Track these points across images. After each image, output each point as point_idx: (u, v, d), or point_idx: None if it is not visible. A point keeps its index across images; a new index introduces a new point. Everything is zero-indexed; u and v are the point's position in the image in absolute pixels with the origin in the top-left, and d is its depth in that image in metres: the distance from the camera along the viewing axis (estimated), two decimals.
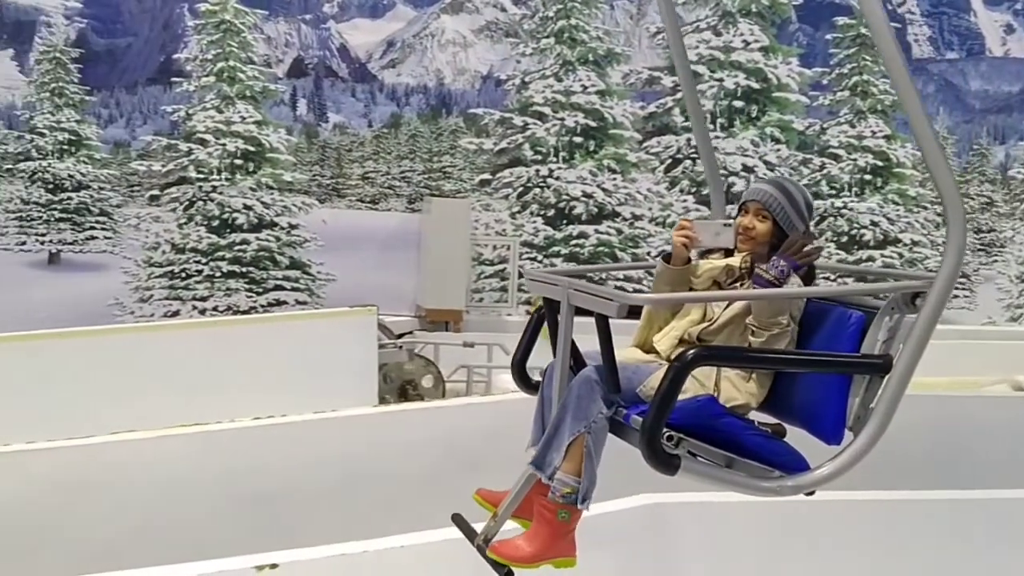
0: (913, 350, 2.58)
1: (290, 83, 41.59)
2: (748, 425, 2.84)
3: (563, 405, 2.90)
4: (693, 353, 2.59)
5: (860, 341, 2.74)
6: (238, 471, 6.73)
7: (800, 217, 3.09)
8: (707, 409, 2.79)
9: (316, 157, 62.56)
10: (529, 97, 21.31)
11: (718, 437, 2.77)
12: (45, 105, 30.91)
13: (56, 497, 6.18)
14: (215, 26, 22.79)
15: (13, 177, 30.05)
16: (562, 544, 3.02)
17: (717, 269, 3.16)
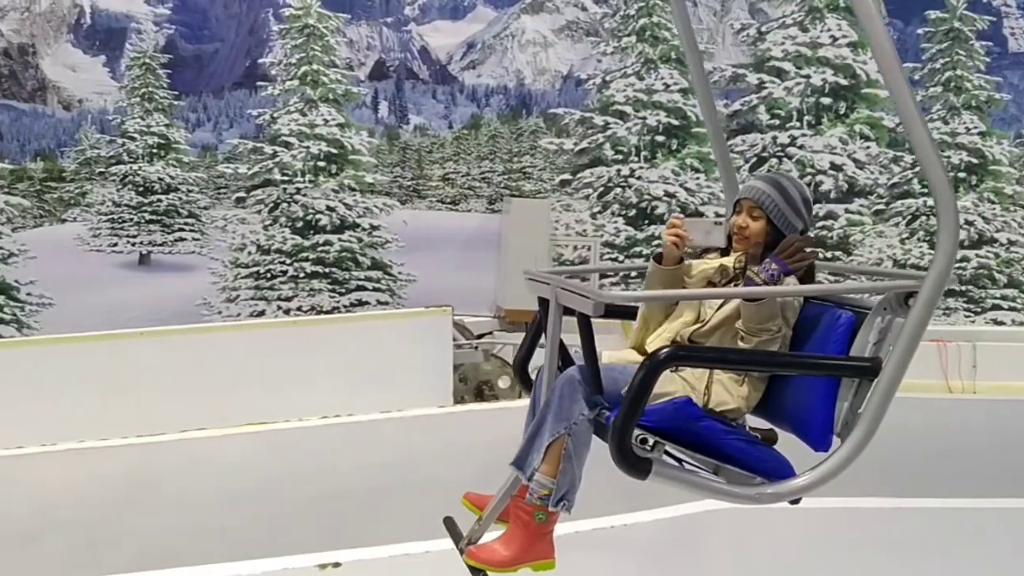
0: (902, 353, 2.43)
1: (372, 86, 42.00)
2: (731, 429, 2.70)
3: (545, 405, 2.81)
4: (665, 352, 2.47)
5: (849, 343, 2.58)
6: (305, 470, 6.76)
7: (797, 215, 2.93)
8: (683, 411, 2.65)
9: (397, 159, 63.15)
10: (610, 96, 21.11)
11: (697, 441, 2.64)
12: (136, 110, 31.71)
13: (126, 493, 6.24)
14: (299, 30, 23.07)
15: (105, 180, 30.87)
16: (540, 546, 2.94)
17: (711, 269, 3.02)
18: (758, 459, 2.67)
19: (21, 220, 22.97)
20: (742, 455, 2.66)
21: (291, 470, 6.66)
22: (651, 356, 2.48)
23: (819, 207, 20.02)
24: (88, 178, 33.93)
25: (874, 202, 21.22)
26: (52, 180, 36.41)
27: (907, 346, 2.44)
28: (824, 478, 2.50)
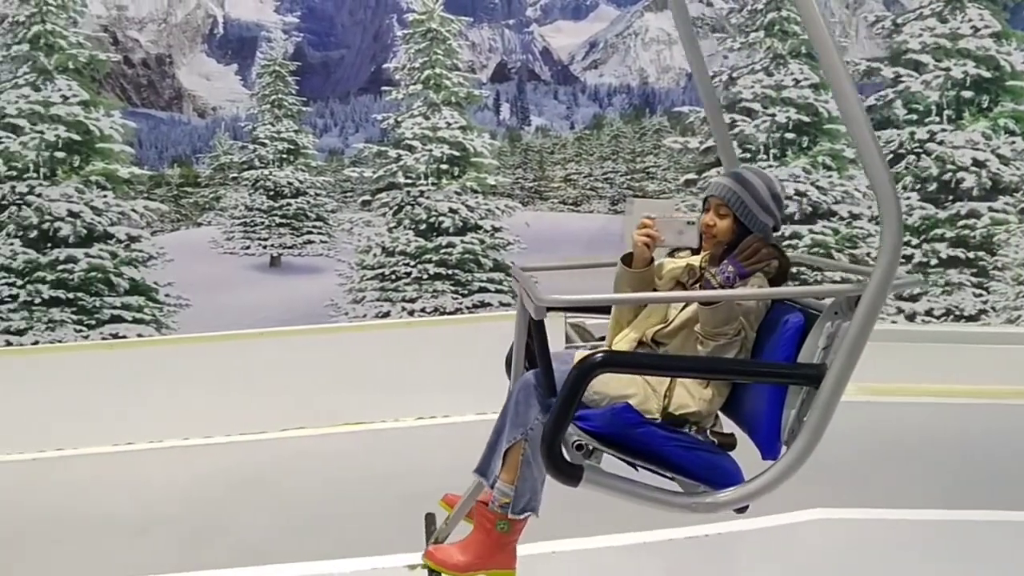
0: (844, 360, 2.31)
1: (493, 88, 42.10)
2: (674, 436, 2.59)
3: (503, 410, 2.74)
4: (595, 359, 2.40)
5: (797, 348, 2.46)
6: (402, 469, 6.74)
7: (766, 212, 2.81)
8: (620, 417, 2.56)
9: (519, 160, 63.25)
10: (737, 93, 20.57)
11: (636, 447, 2.56)
12: (266, 116, 32.65)
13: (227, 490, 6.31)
14: (422, 35, 23.28)
15: (238, 185, 31.86)
16: (499, 556, 2.87)
17: (679, 269, 2.94)
18: (701, 466, 2.55)
19: (159, 224, 23.86)
20: (684, 462, 2.55)
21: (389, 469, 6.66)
22: (581, 362, 2.41)
23: (960, 205, 19.08)
24: (222, 183, 35.09)
25: (1020, 200, 20.05)
26: (188, 185, 37.84)
27: (849, 353, 2.31)
28: (763, 488, 2.42)
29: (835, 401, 2.35)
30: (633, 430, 2.57)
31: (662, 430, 2.61)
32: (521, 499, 2.83)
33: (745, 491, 2.48)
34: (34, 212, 17.96)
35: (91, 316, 17.97)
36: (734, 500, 2.51)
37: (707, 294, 2.68)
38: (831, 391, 2.34)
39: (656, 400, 2.68)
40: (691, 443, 2.62)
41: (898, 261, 2.29)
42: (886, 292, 2.30)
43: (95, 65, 19.44)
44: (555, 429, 2.42)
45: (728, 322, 2.62)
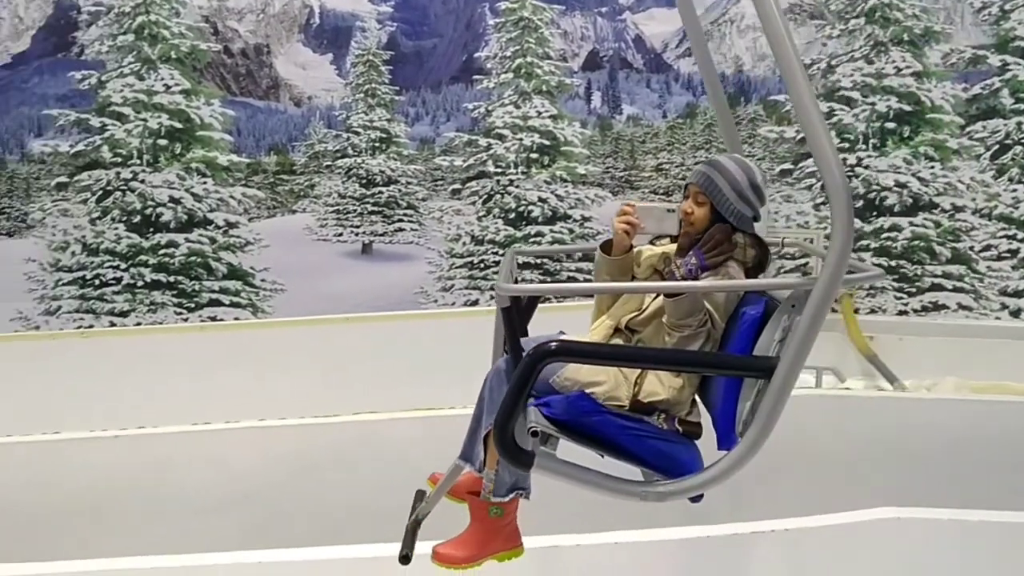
0: (794, 353, 2.31)
1: (585, 76, 42.05)
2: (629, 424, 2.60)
3: (480, 397, 2.78)
4: (545, 348, 2.45)
5: (753, 340, 2.48)
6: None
7: (744, 201, 2.77)
8: (575, 405, 2.61)
9: (609, 149, 62.86)
10: (836, 81, 20.07)
11: (592, 435, 2.60)
12: (359, 105, 33.06)
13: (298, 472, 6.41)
14: (514, 23, 23.31)
15: (332, 173, 32.37)
16: (499, 540, 2.94)
17: (655, 257, 2.91)
18: (654, 455, 2.57)
19: (256, 211, 24.40)
20: (636, 451, 2.57)
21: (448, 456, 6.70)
22: (533, 351, 2.45)
23: None
24: (316, 171, 35.68)
25: None
26: (284, 173, 38.58)
27: (799, 347, 2.31)
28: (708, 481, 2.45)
29: (785, 394, 2.35)
30: (588, 418, 2.61)
31: (618, 419, 2.62)
32: (503, 483, 2.87)
33: (693, 482, 2.51)
34: (137, 198, 18.55)
35: (191, 299, 18.51)
36: (681, 490, 2.53)
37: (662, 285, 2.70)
38: (781, 384, 2.33)
39: (626, 388, 2.67)
40: (646, 432, 2.63)
41: (848, 256, 2.24)
42: (835, 287, 2.26)
43: (196, 55, 19.97)
44: (505, 415, 2.48)
45: (692, 314, 2.60)
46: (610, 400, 2.66)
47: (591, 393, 2.65)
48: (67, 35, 27.52)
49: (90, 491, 6.41)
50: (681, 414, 2.71)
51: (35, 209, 20.29)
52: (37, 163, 28.95)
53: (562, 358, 2.56)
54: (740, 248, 2.80)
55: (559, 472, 2.60)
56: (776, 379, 2.35)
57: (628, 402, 2.67)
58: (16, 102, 28.28)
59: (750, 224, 2.86)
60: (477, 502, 2.98)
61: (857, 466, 6.54)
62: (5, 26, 28.86)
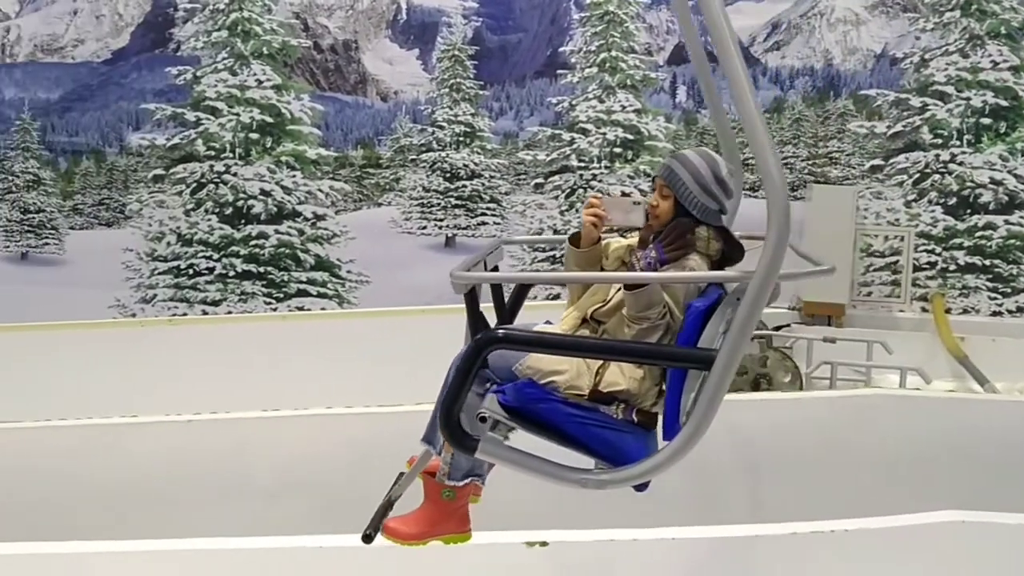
0: (731, 346, 2.33)
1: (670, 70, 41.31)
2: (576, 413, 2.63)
3: (445, 382, 2.77)
4: (490, 335, 2.54)
5: (699, 332, 2.49)
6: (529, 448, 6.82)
7: (708, 194, 2.78)
8: (522, 392, 2.65)
9: (694, 144, 62.32)
10: (929, 76, 19.54)
11: (540, 421, 2.64)
12: (444, 100, 33.37)
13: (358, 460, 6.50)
14: (599, 18, 23.25)
15: (416, 167, 32.75)
16: (450, 522, 3.01)
17: (622, 249, 2.93)
18: (599, 444, 2.62)
19: (343, 203, 24.90)
20: (582, 439, 2.62)
21: None
22: (478, 337, 2.53)
23: None
24: (401, 165, 36.18)
25: None
26: (370, 167, 39.19)
27: (736, 339, 2.32)
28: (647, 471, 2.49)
29: (723, 386, 2.35)
30: (535, 404, 2.64)
31: (566, 406, 2.65)
32: (460, 468, 2.95)
33: (631, 471, 2.54)
34: (230, 190, 19.06)
35: (279, 289, 18.96)
36: (620, 479, 2.56)
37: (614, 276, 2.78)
38: (719, 376, 2.35)
39: (588, 377, 2.69)
40: (592, 420, 2.65)
41: (784, 252, 2.23)
42: (771, 281, 2.26)
43: (287, 51, 20.40)
44: (450, 400, 2.57)
45: (650, 306, 2.62)
46: (571, 389, 2.68)
47: (551, 382, 2.67)
48: (164, 32, 28.44)
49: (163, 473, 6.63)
50: (645, 405, 2.72)
51: (133, 200, 21.03)
52: (135, 156, 30.02)
53: (506, 345, 2.62)
54: (703, 241, 2.80)
55: (504, 458, 2.66)
56: (715, 371, 2.36)
57: (588, 391, 2.70)
58: (115, 96, 29.37)
59: (716, 217, 2.86)
60: (432, 483, 3.05)
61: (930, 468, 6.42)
62: (106, 23, 29.91)
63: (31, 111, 28.51)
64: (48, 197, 34.97)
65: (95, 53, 27.98)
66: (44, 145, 29.26)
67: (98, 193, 42.82)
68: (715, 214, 2.85)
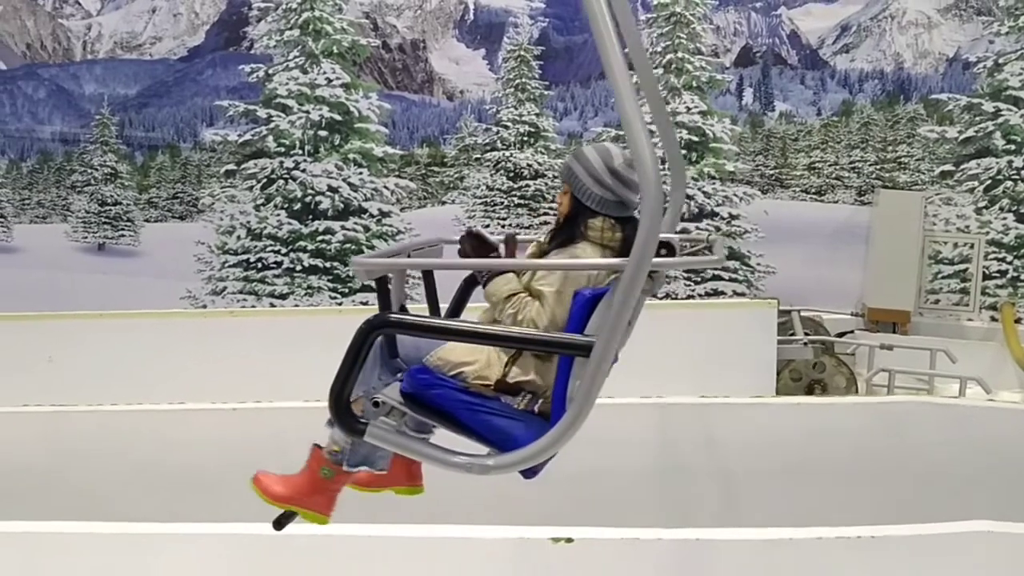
0: (607, 333, 2.35)
1: (737, 72, 41.19)
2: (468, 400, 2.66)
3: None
4: (377, 319, 2.57)
5: (584, 320, 2.50)
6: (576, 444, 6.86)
7: (600, 184, 2.81)
8: (415, 378, 2.70)
9: (760, 147, 61.48)
10: (1003, 80, 19.20)
11: (434, 407, 2.68)
12: (509, 100, 33.51)
13: None
14: (666, 18, 23.24)
15: (480, 166, 32.91)
16: (317, 499, 2.99)
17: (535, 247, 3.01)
18: (488, 430, 2.64)
19: (408, 201, 25.15)
20: (472, 425, 2.66)
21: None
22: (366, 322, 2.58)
23: None
24: (465, 164, 36.36)
25: None
26: (435, 165, 39.48)
27: (610, 327, 2.34)
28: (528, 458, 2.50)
29: (600, 373, 2.38)
30: (427, 391, 2.70)
31: (458, 392, 2.69)
32: (357, 455, 2.97)
33: (512, 458, 2.55)
34: (298, 186, 19.44)
35: (345, 284, 19.29)
36: (502, 464, 2.57)
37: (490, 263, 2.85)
38: (596, 363, 2.37)
39: (498, 368, 2.73)
40: (484, 407, 2.68)
41: (656, 239, 2.26)
42: (643, 269, 2.27)
43: (356, 50, 20.75)
44: (340, 383, 2.62)
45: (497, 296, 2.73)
46: (479, 379, 2.72)
47: (460, 373, 2.72)
48: (238, 30, 29.02)
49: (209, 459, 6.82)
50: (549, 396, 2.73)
51: (205, 195, 21.56)
52: (208, 151, 30.63)
53: (393, 329, 2.71)
54: (596, 231, 2.84)
55: (392, 443, 2.70)
56: (592, 357, 2.39)
57: (494, 382, 2.73)
58: (191, 93, 30.01)
59: (616, 208, 2.88)
60: (318, 455, 3.07)
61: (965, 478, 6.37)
62: (183, 21, 30.61)
63: (110, 106, 29.23)
64: (125, 190, 35.85)
65: (172, 50, 28.66)
66: (122, 139, 29.99)
67: (172, 187, 43.72)
68: (614, 205, 2.88)
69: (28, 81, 30.24)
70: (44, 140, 31.29)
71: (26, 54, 32.35)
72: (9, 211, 35.86)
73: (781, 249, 24.24)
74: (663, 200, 2.18)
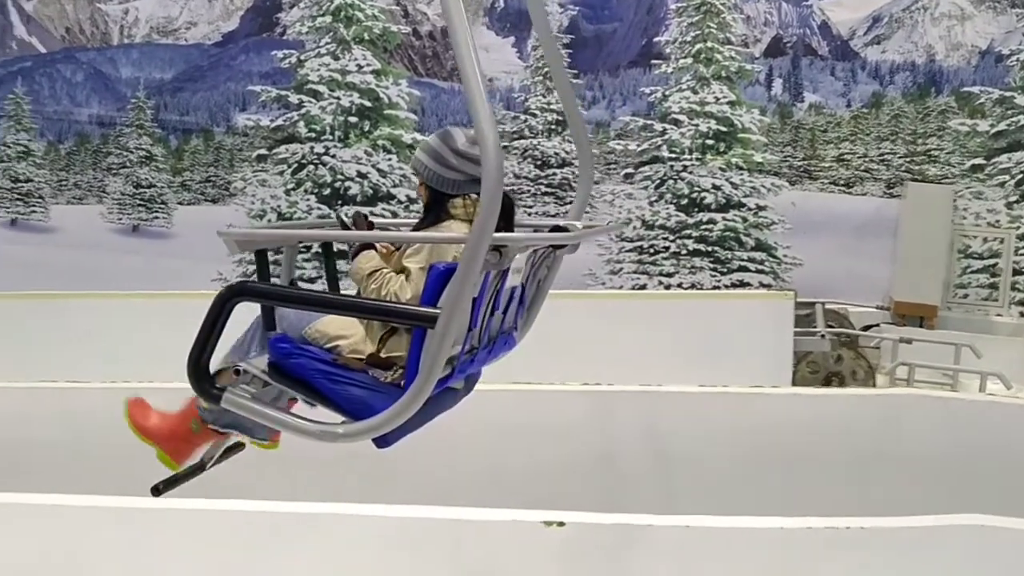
0: (449, 305, 2.40)
1: (766, 62, 40.79)
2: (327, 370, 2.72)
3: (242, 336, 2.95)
4: (229, 288, 2.60)
5: (437, 293, 2.52)
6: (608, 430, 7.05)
7: (446, 167, 2.89)
8: (274, 347, 2.75)
9: (788, 138, 61.22)
10: None
11: (294, 377, 2.74)
12: (538, 88, 33.58)
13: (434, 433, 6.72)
14: (695, 8, 23.19)
15: (508, 154, 33.10)
16: (177, 444, 3.07)
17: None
18: (349, 400, 2.69)
19: None
20: (330, 395, 2.70)
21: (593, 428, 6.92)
22: (225, 288, 2.62)
23: None
24: None
25: None
26: None
27: (452, 300, 2.40)
28: (375, 427, 2.56)
29: (440, 344, 2.42)
30: (287, 360, 2.76)
31: (318, 363, 2.75)
32: (226, 416, 3.01)
33: (360, 426, 2.62)
34: (328, 171, 19.62)
35: None
36: (352, 432, 2.63)
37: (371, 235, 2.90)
38: (439, 334, 2.42)
39: (371, 344, 2.80)
40: (348, 379, 2.74)
41: (495, 213, 2.27)
42: (483, 242, 2.31)
43: (387, 37, 20.86)
44: (196, 351, 2.68)
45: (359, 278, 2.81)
46: (353, 353, 2.78)
47: (336, 346, 2.79)
48: (271, 16, 29.25)
49: None
50: None
51: (237, 179, 21.73)
52: (240, 135, 30.98)
53: (249, 297, 2.72)
54: (460, 209, 2.91)
55: (247, 410, 2.75)
56: (436, 329, 2.43)
57: (367, 356, 2.80)
58: (224, 78, 30.40)
59: (471, 185, 2.92)
60: (192, 408, 3.11)
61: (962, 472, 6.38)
62: (217, 7, 30.89)
63: (146, 90, 29.65)
64: (159, 173, 36.33)
65: (206, 36, 29.01)
66: (157, 123, 30.36)
67: (205, 170, 44.14)
68: (468, 183, 2.92)
69: (67, 64, 30.76)
70: (81, 123, 31.73)
71: (64, 38, 32.75)
72: (47, 192, 36.43)
73: (808, 241, 24.21)
74: (502, 173, 2.23)
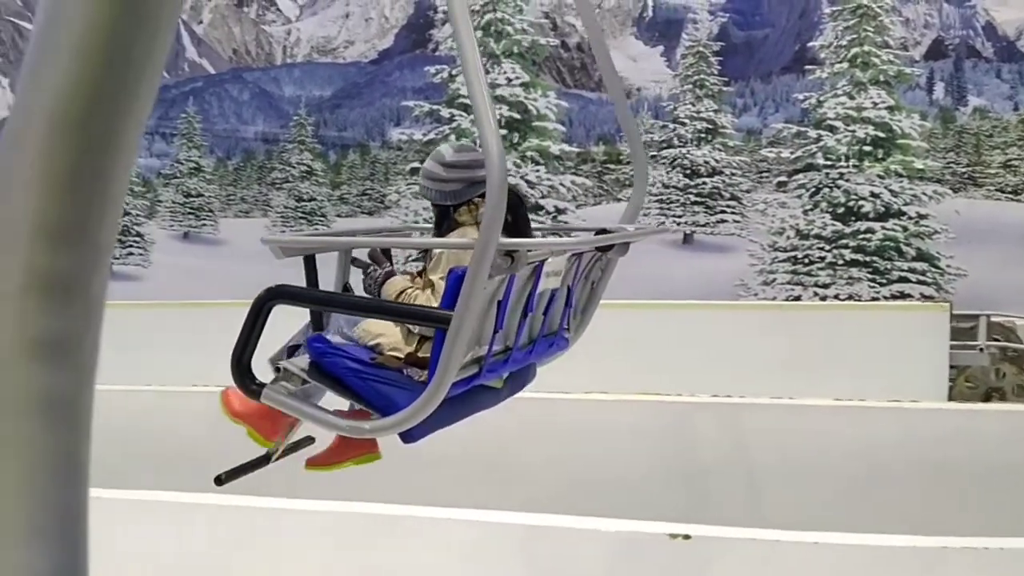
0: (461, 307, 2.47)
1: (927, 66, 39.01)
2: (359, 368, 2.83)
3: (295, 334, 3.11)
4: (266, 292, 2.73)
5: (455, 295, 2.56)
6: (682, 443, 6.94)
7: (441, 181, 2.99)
8: (311, 346, 2.90)
9: (951, 143, 58.56)
10: None
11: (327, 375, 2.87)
12: (687, 96, 33.34)
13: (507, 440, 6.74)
14: (851, 11, 22.57)
15: (656, 163, 32.93)
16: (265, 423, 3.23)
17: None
18: (376, 396, 2.80)
19: (584, 198, 25.53)
20: (359, 391, 2.84)
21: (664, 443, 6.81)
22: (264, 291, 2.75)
23: None
24: None
25: None
26: (611, 162, 39.71)
27: (464, 302, 2.46)
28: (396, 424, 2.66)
29: (455, 346, 2.48)
30: (322, 358, 2.89)
31: (350, 361, 2.87)
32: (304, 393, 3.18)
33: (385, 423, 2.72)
34: None
35: None
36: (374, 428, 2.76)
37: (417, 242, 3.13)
38: (452, 335, 2.49)
39: (410, 345, 2.90)
40: (379, 378, 2.84)
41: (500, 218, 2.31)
42: (490, 247, 2.35)
43: (536, 49, 21.17)
44: (239, 348, 2.81)
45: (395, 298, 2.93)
46: (393, 351, 2.91)
47: (378, 344, 2.92)
48: (424, 33, 30.17)
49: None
50: None
51: (392, 191, 22.48)
52: (395, 149, 31.97)
53: (285, 300, 2.85)
54: (467, 215, 3.03)
55: (284, 405, 2.88)
56: (450, 330, 2.50)
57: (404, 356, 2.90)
58: (380, 94, 31.49)
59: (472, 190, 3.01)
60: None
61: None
62: (374, 25, 32.08)
63: (306, 107, 31.07)
64: (319, 187, 37.89)
65: (363, 54, 30.16)
66: (317, 139, 31.75)
67: (361, 184, 45.86)
68: (466, 189, 3.04)
69: (234, 84, 32.61)
70: (248, 139, 33.44)
71: (232, 58, 34.68)
72: (216, 206, 38.57)
73: (973, 251, 23.10)
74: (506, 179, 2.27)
